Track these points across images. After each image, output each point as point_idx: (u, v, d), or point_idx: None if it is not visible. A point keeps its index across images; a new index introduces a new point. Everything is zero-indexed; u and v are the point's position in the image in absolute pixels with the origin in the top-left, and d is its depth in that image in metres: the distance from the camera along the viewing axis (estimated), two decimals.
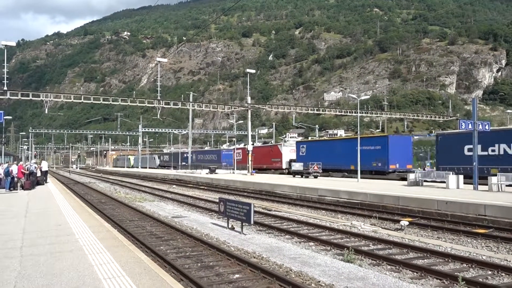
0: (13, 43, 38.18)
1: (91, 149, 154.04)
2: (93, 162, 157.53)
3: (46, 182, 31.43)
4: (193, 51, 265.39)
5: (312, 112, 66.19)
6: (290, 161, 46.86)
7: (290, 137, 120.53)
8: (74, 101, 45.55)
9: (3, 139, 65.96)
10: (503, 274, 8.40)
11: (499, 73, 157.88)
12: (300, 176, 37.56)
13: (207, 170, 50.73)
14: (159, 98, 44.55)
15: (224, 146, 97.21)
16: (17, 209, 15.15)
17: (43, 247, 8.52)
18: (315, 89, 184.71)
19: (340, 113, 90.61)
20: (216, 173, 48.26)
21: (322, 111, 69.05)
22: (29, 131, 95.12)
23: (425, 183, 25.57)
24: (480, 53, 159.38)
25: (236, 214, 12.30)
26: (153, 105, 45.51)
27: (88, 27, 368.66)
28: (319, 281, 7.56)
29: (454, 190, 21.24)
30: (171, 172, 58.33)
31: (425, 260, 9.58)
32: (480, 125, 22.74)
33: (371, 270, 8.46)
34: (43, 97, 39.81)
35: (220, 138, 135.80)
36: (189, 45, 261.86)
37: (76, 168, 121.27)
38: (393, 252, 10.43)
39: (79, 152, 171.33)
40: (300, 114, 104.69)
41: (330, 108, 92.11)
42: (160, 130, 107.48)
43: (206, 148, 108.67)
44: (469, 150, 26.63)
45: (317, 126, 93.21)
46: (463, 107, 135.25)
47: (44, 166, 33.26)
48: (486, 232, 12.46)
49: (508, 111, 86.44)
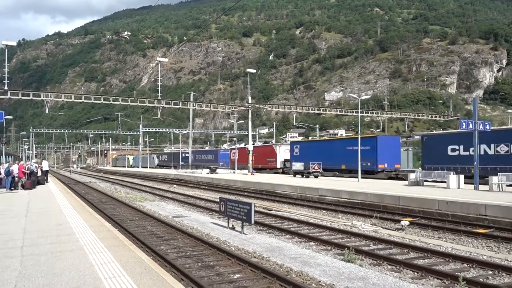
0: (14, 43, 38.13)
1: (92, 149, 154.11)
2: (93, 161, 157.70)
3: (46, 182, 31.49)
4: (194, 50, 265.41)
5: (312, 112, 66.18)
6: (285, 161, 49.27)
7: (291, 137, 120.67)
8: (75, 100, 45.74)
9: (3, 139, 66.03)
10: (504, 274, 8.40)
11: (500, 73, 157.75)
12: (300, 176, 37.62)
13: (208, 170, 50.82)
14: (159, 98, 44.57)
15: (225, 146, 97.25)
16: (17, 209, 15.17)
17: (43, 247, 8.53)
18: (315, 89, 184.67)
19: (340, 113, 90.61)
20: (217, 173, 48.33)
21: (323, 111, 68.90)
22: (30, 130, 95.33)
23: (425, 183, 25.59)
24: (481, 53, 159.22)
25: (236, 214, 12.30)
26: (153, 105, 45.61)
27: (88, 27, 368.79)
28: (320, 281, 7.55)
29: (455, 190, 21.23)
30: (171, 172, 58.37)
31: (426, 260, 9.58)
32: (481, 125, 22.69)
33: (372, 270, 8.45)
34: (43, 97, 39.81)
35: (221, 138, 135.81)
36: (190, 45, 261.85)
37: (77, 167, 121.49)
38: (394, 252, 10.43)
39: (79, 151, 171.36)
40: (300, 114, 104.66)
41: (330, 108, 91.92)
42: (160, 130, 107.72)
43: (206, 148, 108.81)
44: (452, 150, 28.53)
45: (317, 126, 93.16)
46: (463, 107, 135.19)
47: (45, 165, 33.37)
48: (487, 232, 12.45)
49: (509, 111, 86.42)
